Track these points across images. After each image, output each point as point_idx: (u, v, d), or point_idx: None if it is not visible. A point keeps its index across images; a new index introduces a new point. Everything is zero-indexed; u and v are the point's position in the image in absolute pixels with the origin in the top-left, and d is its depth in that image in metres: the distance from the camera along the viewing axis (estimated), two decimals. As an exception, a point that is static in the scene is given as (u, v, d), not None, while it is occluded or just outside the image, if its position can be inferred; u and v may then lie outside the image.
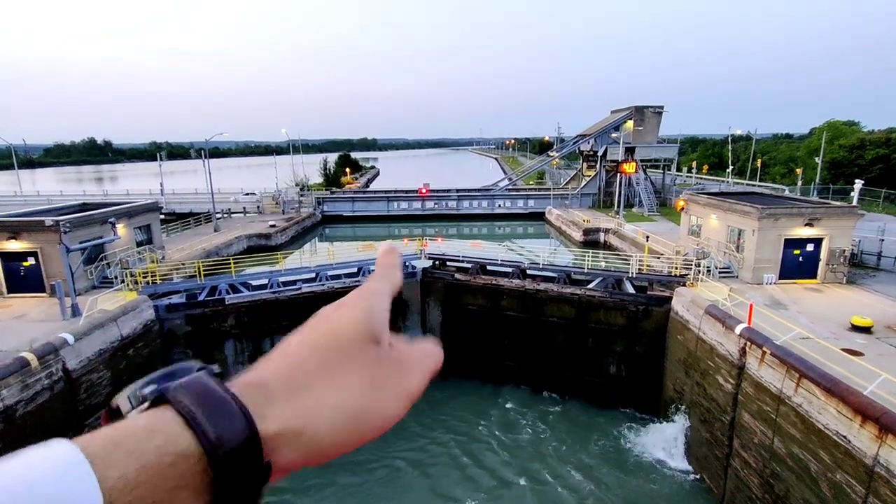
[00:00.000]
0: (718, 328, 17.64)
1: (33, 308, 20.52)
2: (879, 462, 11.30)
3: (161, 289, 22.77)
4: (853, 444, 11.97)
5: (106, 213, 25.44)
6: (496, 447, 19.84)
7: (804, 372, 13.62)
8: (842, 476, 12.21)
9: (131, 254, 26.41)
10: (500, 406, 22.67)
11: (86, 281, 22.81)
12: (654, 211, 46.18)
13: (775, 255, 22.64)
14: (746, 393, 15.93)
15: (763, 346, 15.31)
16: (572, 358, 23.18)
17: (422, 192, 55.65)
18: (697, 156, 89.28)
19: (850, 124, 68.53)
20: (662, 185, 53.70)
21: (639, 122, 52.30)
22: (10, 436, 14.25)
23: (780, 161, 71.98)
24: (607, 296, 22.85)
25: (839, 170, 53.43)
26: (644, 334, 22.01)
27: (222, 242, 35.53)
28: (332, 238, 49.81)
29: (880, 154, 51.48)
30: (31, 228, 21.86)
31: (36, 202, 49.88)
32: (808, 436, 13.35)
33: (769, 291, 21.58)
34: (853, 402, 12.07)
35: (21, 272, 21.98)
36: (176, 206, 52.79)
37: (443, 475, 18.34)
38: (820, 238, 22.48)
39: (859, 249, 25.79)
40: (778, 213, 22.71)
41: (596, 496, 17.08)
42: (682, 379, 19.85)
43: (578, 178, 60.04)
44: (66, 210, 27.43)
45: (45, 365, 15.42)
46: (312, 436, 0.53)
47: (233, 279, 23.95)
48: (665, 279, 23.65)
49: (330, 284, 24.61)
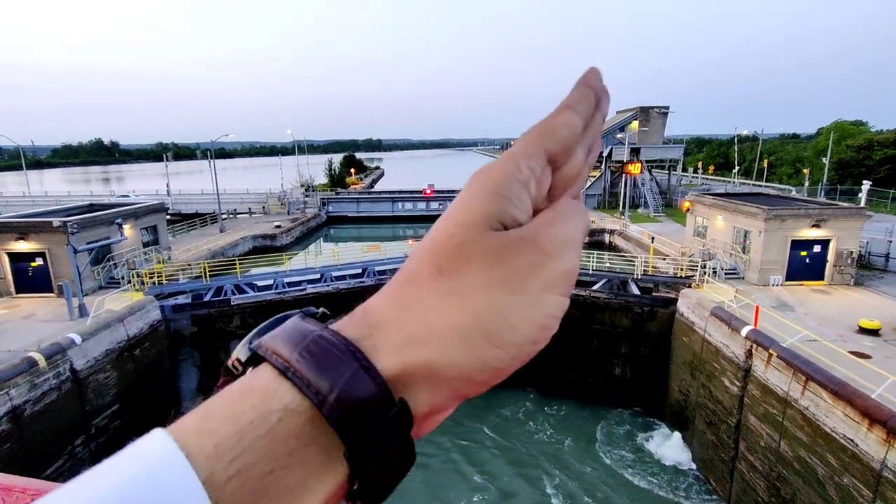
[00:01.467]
0: (724, 330, 17.55)
1: (41, 308, 20.69)
2: (887, 466, 11.21)
3: (167, 289, 22.91)
4: (860, 447, 11.88)
5: (113, 213, 25.61)
6: (498, 449, 19.82)
7: (811, 375, 13.53)
8: (849, 480, 12.12)
9: (138, 254, 26.56)
10: (502, 407, 22.64)
11: (93, 281, 22.97)
12: (659, 212, 45.99)
13: (782, 257, 22.50)
14: (752, 395, 15.84)
15: (769, 348, 15.22)
16: (576, 359, 23.11)
17: (427, 193, 55.68)
18: (703, 156, 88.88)
19: (858, 124, 68.08)
20: (668, 186, 53.46)
21: (644, 122, 52.09)
22: (18, 435, 14.38)
23: (787, 161, 71.55)
24: (612, 297, 22.78)
25: (847, 170, 53.05)
26: (649, 336, 21.93)
27: (228, 243, 35.66)
28: (337, 239, 49.93)
29: (888, 154, 51.03)
30: (39, 229, 22.04)
31: (44, 203, 50.27)
32: (814, 439, 13.26)
33: (776, 293, 21.45)
34: (860, 406, 11.98)
35: (29, 272, 22.17)
36: (182, 206, 53.04)
37: (443, 478, 18.33)
38: (827, 239, 22.32)
39: (867, 251, 25.58)
40: (784, 214, 22.57)
41: (600, 498, 17.03)
42: (688, 381, 19.76)
43: (583, 178, 59.83)
44: (73, 211, 27.63)
45: (52, 365, 15.54)
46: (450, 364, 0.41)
47: (238, 280, 24.07)
48: (670, 280, 23.55)
49: (335, 285, 24.68)
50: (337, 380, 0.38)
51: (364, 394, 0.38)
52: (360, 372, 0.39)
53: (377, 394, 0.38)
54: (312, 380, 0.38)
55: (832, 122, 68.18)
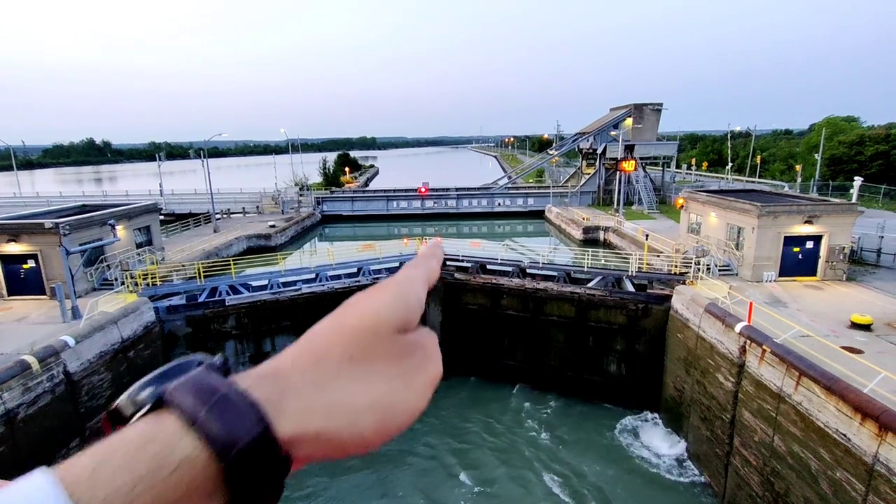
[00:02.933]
0: (718, 326, 17.65)
1: (33, 310, 20.53)
2: (879, 460, 11.33)
3: (161, 290, 22.77)
4: (853, 442, 11.99)
5: (105, 214, 25.42)
6: (495, 446, 19.87)
7: (804, 370, 13.64)
8: (842, 474, 12.24)
9: (131, 255, 26.41)
10: (499, 405, 22.70)
11: (86, 283, 22.82)
12: (653, 209, 46.18)
13: (775, 253, 22.66)
14: (746, 391, 15.95)
15: (763, 344, 15.33)
16: (572, 356, 23.22)
17: (421, 191, 55.63)
18: (697, 153, 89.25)
19: (850, 120, 68.51)
20: (662, 183, 53.68)
21: (638, 119, 52.24)
22: (11, 438, 14.28)
23: (780, 157, 71.94)
24: (607, 294, 22.87)
25: (839, 166, 53.43)
26: (644, 333, 22.04)
27: (222, 243, 35.50)
28: (332, 238, 49.81)
29: (880, 150, 51.46)
30: (31, 231, 21.86)
31: (35, 204, 49.88)
32: (808, 434, 13.37)
33: (769, 289, 21.60)
34: (853, 400, 12.09)
35: (21, 274, 21.99)
36: (175, 206, 52.76)
37: (441, 474, 18.37)
38: (819, 235, 22.48)
39: (859, 246, 25.78)
40: (777, 210, 22.72)
41: (596, 494, 17.11)
42: (683, 377, 19.88)
43: (578, 175, 60.02)
44: (65, 212, 27.43)
45: (45, 367, 15.43)
46: (335, 435, 0.49)
47: (233, 280, 23.95)
48: (665, 277, 23.67)
49: (330, 285, 24.63)
50: (241, 438, 0.42)
51: (262, 452, 0.43)
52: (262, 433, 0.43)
53: (273, 453, 0.44)
54: (219, 435, 0.42)
55: (824, 119, 68.60)
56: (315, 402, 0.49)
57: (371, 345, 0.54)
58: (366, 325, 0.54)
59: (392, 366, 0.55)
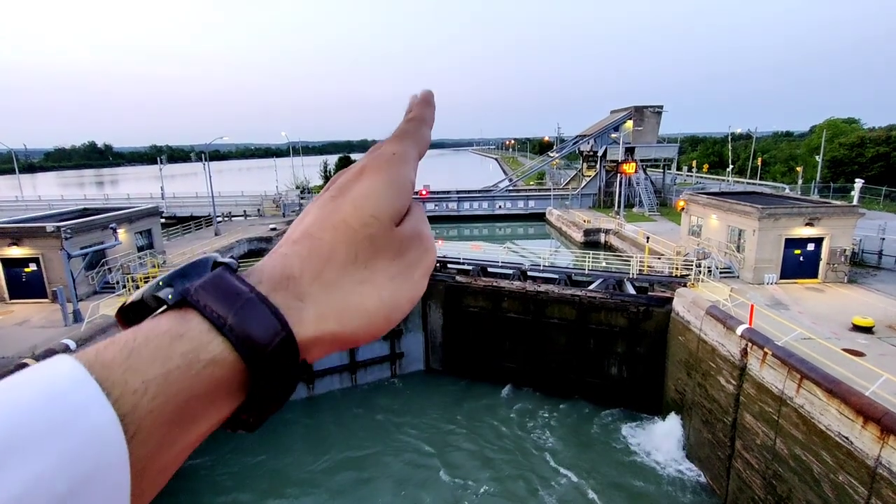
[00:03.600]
0: (719, 329, 17.63)
1: (35, 314, 20.57)
2: (881, 463, 11.30)
3: (162, 293, 22.79)
4: (855, 445, 11.96)
5: (107, 218, 25.46)
6: (497, 448, 19.85)
7: (806, 373, 13.61)
8: (844, 477, 12.20)
9: (132, 259, 26.44)
10: (501, 407, 22.67)
11: (87, 286, 22.84)
12: (654, 211, 46.15)
13: (776, 255, 22.63)
14: (748, 394, 15.92)
15: (764, 346, 15.31)
16: (573, 359, 23.18)
17: (422, 194, 55.63)
18: (698, 155, 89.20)
19: (851, 122, 68.45)
20: (663, 185, 53.66)
21: (638, 121, 52.28)
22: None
23: (781, 159, 71.88)
24: (608, 297, 22.85)
25: (839, 168, 53.37)
26: (645, 335, 22.01)
27: (223, 246, 35.50)
28: (333, 240, 49.73)
29: (881, 152, 51.39)
30: (33, 234, 21.89)
31: (37, 207, 50.01)
32: (809, 437, 13.34)
33: (770, 291, 21.57)
34: (855, 403, 12.06)
35: (23, 278, 22.03)
36: (177, 209, 52.83)
37: (441, 475, 18.34)
38: (821, 237, 22.45)
39: (860, 248, 25.74)
40: (778, 212, 22.70)
41: (598, 497, 17.08)
42: (684, 380, 19.85)
43: (578, 178, 60.03)
44: (67, 215, 27.46)
45: (47, 371, 15.45)
46: (349, 335, 0.51)
47: (234, 283, 23.98)
48: (666, 280, 23.65)
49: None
50: (268, 344, 0.44)
51: (286, 358, 0.45)
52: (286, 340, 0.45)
53: (295, 356, 0.46)
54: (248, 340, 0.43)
55: (825, 120, 68.54)
56: (328, 307, 0.50)
57: (372, 243, 0.54)
58: (366, 222, 0.54)
59: (394, 263, 0.56)
